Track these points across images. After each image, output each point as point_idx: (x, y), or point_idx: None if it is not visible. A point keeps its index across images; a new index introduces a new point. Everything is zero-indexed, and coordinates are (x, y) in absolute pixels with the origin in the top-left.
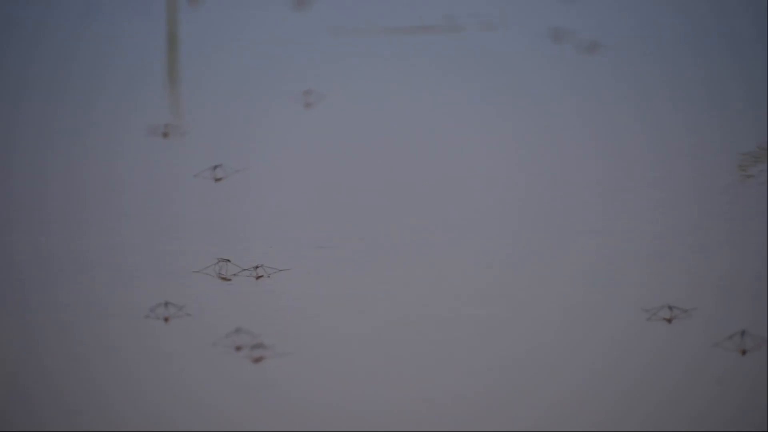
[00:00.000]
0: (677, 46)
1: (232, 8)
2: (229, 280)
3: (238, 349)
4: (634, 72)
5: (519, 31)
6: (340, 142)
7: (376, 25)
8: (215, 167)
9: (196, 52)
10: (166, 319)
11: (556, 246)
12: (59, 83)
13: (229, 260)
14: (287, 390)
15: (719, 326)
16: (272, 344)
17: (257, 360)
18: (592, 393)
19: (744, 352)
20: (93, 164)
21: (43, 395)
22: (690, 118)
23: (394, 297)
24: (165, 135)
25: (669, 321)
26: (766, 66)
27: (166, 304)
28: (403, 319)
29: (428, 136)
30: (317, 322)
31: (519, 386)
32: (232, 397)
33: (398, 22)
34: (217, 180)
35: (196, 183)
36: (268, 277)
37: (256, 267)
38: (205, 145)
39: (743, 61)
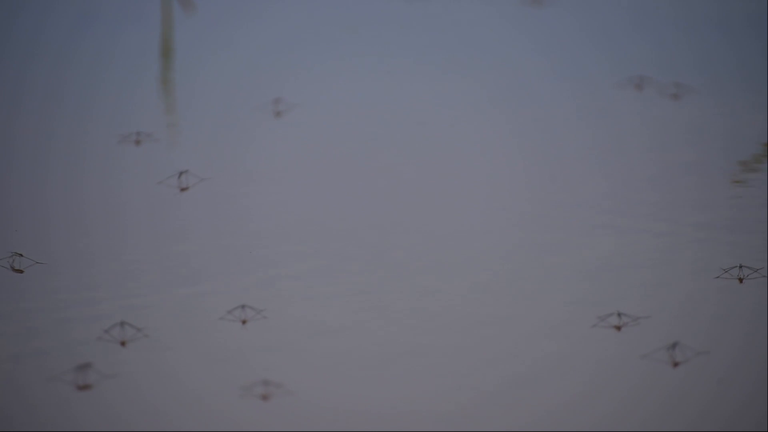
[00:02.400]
0: (677, 44)
1: (225, 17)
2: (22, 272)
3: None
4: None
5: (501, 30)
6: (313, 151)
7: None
8: (181, 174)
9: (188, 60)
10: (122, 343)
11: (548, 249)
12: (55, 88)
13: (21, 254)
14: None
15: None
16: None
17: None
18: (593, 392)
19: (676, 365)
20: (89, 167)
21: (43, 395)
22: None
23: (372, 302)
24: (137, 142)
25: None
26: (767, 69)
27: (122, 323)
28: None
29: (401, 144)
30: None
31: (512, 389)
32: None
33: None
34: (183, 189)
35: (166, 191)
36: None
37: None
38: (182, 153)
39: (744, 62)
